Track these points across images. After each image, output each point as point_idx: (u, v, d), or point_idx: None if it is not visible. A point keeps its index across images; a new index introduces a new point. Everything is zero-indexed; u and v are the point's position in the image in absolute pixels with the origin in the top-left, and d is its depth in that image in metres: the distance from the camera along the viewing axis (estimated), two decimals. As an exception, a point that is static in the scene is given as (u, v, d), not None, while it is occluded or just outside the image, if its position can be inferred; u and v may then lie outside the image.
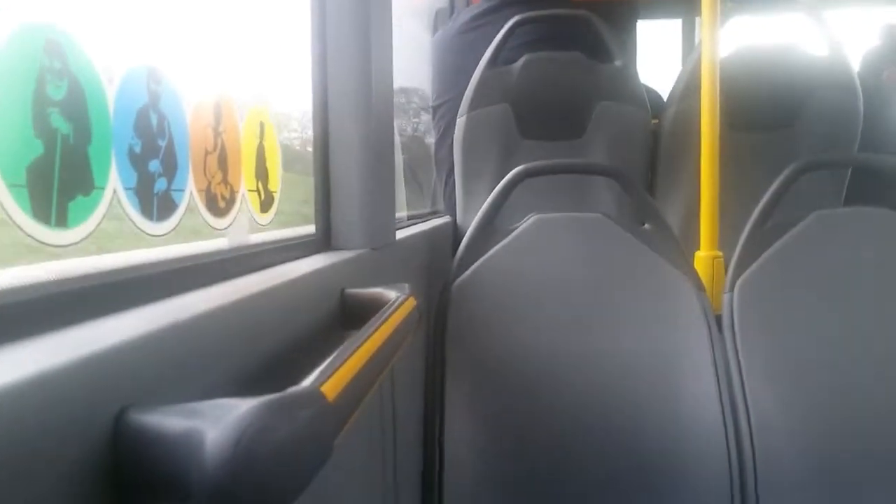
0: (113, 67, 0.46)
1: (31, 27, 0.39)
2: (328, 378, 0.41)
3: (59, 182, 0.41)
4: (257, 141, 0.70)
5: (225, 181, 0.63)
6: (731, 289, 1.27)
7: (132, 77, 0.48)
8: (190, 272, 0.54)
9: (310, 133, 0.90)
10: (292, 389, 0.37)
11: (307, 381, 0.39)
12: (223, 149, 0.63)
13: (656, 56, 2.48)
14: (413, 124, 2.07)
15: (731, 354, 1.23)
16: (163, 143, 0.52)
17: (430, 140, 1.91)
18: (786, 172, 1.29)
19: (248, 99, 0.72)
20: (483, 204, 1.32)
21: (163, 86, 0.52)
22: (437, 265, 1.36)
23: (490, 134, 1.62)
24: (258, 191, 0.70)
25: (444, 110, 1.75)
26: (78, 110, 0.42)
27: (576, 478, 1.18)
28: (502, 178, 1.34)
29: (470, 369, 1.24)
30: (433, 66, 1.83)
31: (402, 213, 1.68)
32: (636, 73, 1.72)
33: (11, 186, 0.37)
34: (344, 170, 0.91)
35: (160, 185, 0.52)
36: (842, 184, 1.64)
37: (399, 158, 1.75)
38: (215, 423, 0.32)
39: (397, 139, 1.79)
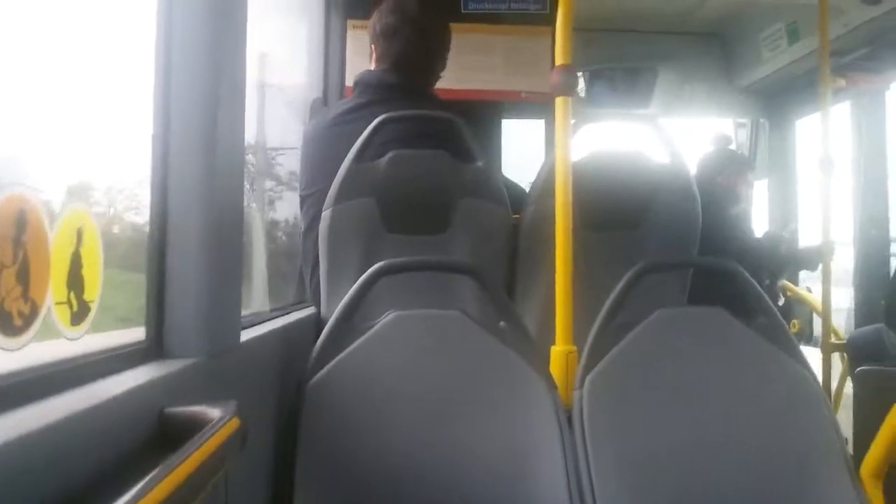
0: None
1: None
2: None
3: None
4: (72, 248, 0.66)
5: (24, 295, 0.58)
6: (581, 385, 1.31)
7: None
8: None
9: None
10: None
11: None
12: (25, 261, 0.58)
13: (522, 150, 2.61)
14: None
15: (580, 450, 1.25)
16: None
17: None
18: (629, 273, 1.37)
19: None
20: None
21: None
22: (295, 360, 1.32)
23: (355, 227, 1.62)
24: (69, 303, 0.66)
25: (311, 201, 1.74)
26: None
27: None
28: (366, 269, 1.34)
29: (322, 471, 1.19)
30: (303, 157, 1.83)
31: (265, 307, 1.63)
32: (497, 171, 1.79)
33: None
34: (183, 265, 0.85)
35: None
36: (685, 282, 1.75)
37: (262, 248, 1.72)
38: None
39: (261, 227, 1.76)
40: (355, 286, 1.30)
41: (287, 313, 1.53)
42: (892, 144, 2.72)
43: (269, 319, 1.35)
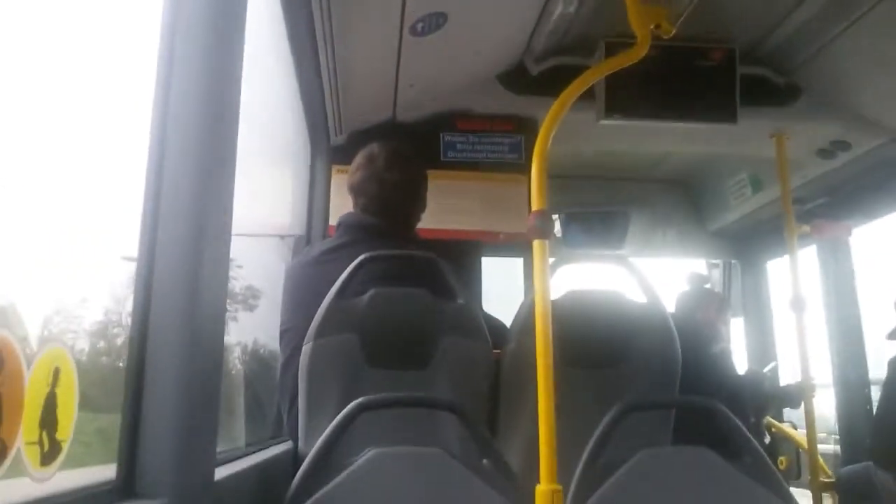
0: None
1: None
2: None
3: None
4: (48, 388, 0.65)
5: (-5, 436, 0.57)
6: None
7: None
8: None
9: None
10: None
11: None
12: (-1, 402, 0.58)
13: (502, 286, 2.66)
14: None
15: None
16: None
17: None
18: (611, 413, 1.36)
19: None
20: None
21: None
22: (271, 499, 1.26)
23: (336, 362, 1.62)
24: (40, 442, 0.64)
25: (290, 336, 1.75)
26: None
27: None
28: (346, 403, 1.32)
29: None
30: (285, 293, 1.85)
31: (239, 443, 1.59)
32: (478, 309, 1.82)
33: None
34: (159, 401, 0.83)
35: None
36: (669, 419, 1.74)
37: (241, 381, 1.70)
38: None
39: (237, 362, 1.74)
40: (335, 422, 1.28)
41: (264, 448, 1.49)
42: (863, 285, 2.80)
43: (244, 455, 1.31)
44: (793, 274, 2.28)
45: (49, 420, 0.65)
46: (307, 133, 2.43)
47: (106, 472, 0.79)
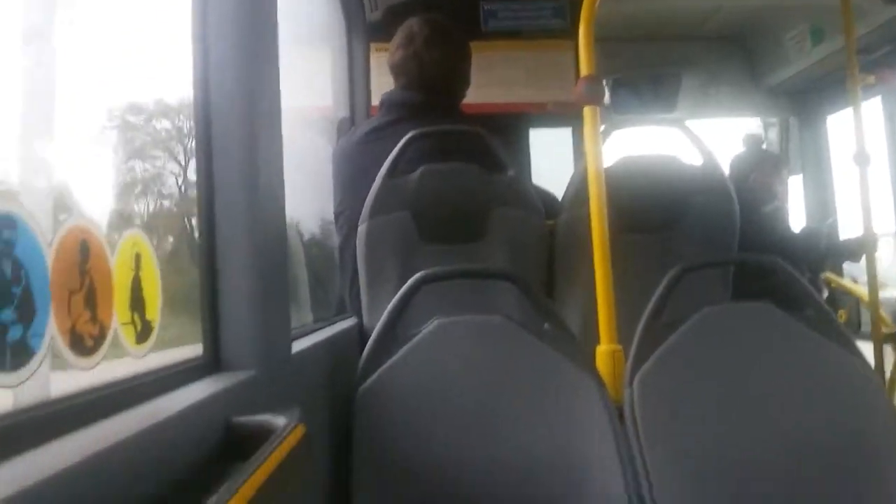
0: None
1: None
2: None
3: None
4: (132, 273, 0.69)
5: (93, 319, 0.61)
6: (631, 383, 1.31)
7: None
8: (55, 417, 0.51)
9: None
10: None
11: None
12: (91, 286, 0.61)
13: (551, 157, 2.62)
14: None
15: (634, 446, 1.25)
16: (17, 291, 0.50)
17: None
18: (671, 273, 1.37)
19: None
20: (387, 306, 1.34)
21: (18, 231, 0.50)
22: (342, 370, 1.34)
23: (391, 239, 1.65)
24: (133, 323, 0.68)
25: (345, 217, 1.78)
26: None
27: None
28: (405, 279, 1.36)
29: (376, 479, 1.21)
30: (334, 175, 1.87)
31: (307, 319, 1.66)
32: (528, 180, 1.81)
33: None
34: (233, 285, 0.87)
35: (14, 333, 0.49)
36: (727, 281, 1.74)
37: (302, 264, 1.75)
38: None
39: (299, 243, 1.79)
40: (398, 295, 1.32)
41: (331, 324, 1.56)
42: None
43: (314, 331, 1.38)
44: (856, 126, 2.17)
45: (137, 303, 0.69)
46: (341, 11, 2.35)
47: (186, 351, 0.85)
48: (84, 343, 0.59)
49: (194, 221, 0.91)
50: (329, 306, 1.90)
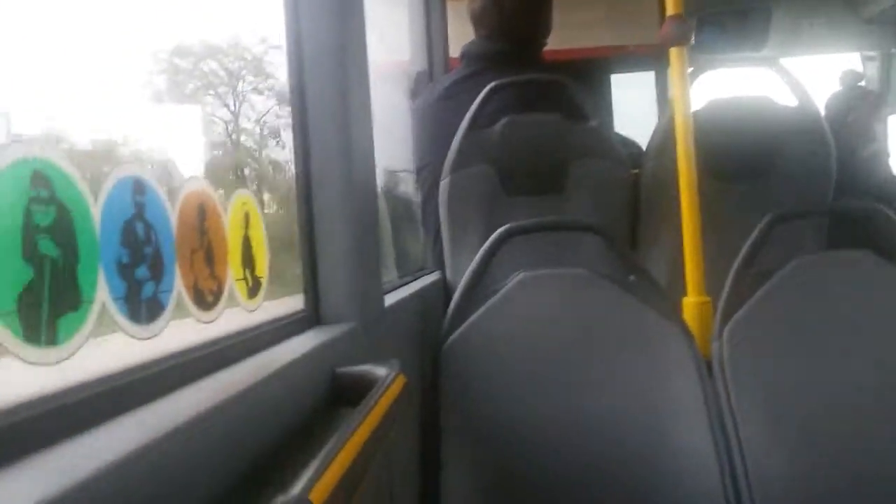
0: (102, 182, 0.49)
1: (18, 162, 0.41)
2: (316, 484, 0.42)
3: (49, 303, 0.42)
4: (243, 231, 0.72)
5: (212, 275, 0.65)
6: (720, 335, 1.29)
7: (118, 191, 0.51)
8: (182, 367, 0.56)
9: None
10: (282, 500, 0.38)
11: (296, 489, 0.40)
12: (209, 245, 0.65)
13: (633, 104, 2.55)
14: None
15: (723, 400, 1.24)
16: (149, 251, 0.54)
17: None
18: (764, 222, 1.33)
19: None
20: (471, 260, 1.35)
21: (147, 195, 0.54)
22: (428, 324, 1.37)
23: (474, 193, 1.66)
24: (245, 279, 0.72)
25: (427, 172, 1.79)
26: (65, 233, 0.44)
27: None
28: (488, 233, 1.37)
29: (464, 432, 1.24)
30: (415, 131, 1.88)
31: (392, 275, 1.70)
32: (611, 130, 1.77)
33: (3, 314, 0.39)
34: (329, 242, 0.92)
35: (147, 290, 0.53)
36: (822, 227, 1.67)
37: (386, 221, 1.78)
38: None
39: (382, 203, 1.82)
40: (483, 249, 1.34)
41: (415, 279, 1.59)
42: None
43: (400, 286, 1.41)
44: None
45: (248, 259, 0.73)
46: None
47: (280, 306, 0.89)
48: (205, 298, 0.63)
49: (247, 171, 0.94)
50: (409, 261, 1.94)
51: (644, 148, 1.82)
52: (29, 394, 0.40)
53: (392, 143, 1.91)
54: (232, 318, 0.71)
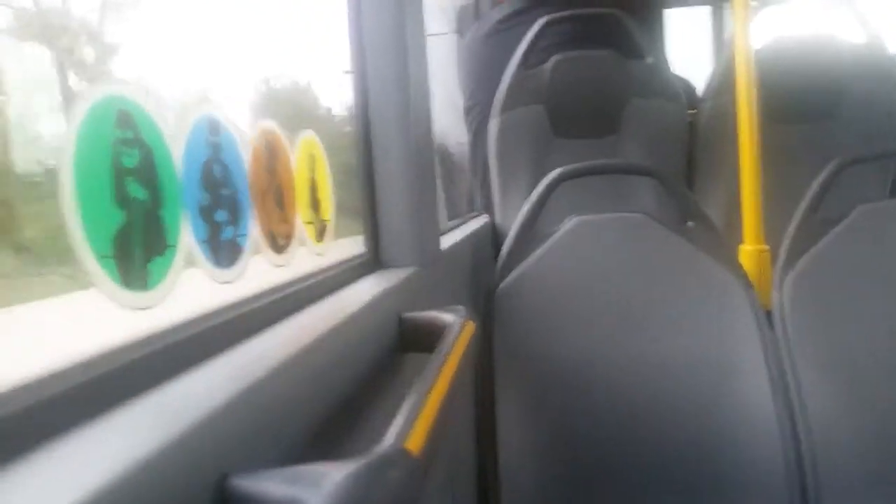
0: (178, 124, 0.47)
1: (105, 101, 0.40)
2: (409, 433, 0.41)
3: (141, 247, 0.41)
4: (309, 174, 0.71)
5: (283, 219, 0.64)
6: (781, 284, 1.26)
7: (195, 133, 0.49)
8: (260, 312, 0.55)
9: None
10: (380, 450, 0.37)
11: (391, 438, 0.40)
12: (279, 188, 0.63)
13: (686, 43, 2.44)
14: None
15: (783, 351, 1.22)
16: (226, 193, 0.52)
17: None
18: (830, 167, 1.27)
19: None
20: (520, 203, 1.33)
21: (221, 136, 0.52)
22: (479, 268, 1.36)
23: (524, 134, 1.62)
24: (313, 222, 0.71)
25: (475, 112, 1.75)
26: (150, 176, 0.43)
27: (630, 481, 1.18)
28: (538, 176, 1.34)
29: (519, 376, 1.24)
30: (463, 69, 1.83)
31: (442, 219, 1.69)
32: (668, 67, 1.70)
33: (101, 258, 0.38)
34: (389, 186, 0.91)
35: (227, 233, 0.52)
36: (887, 174, 1.61)
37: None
38: (316, 491, 0.33)
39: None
40: (536, 193, 1.31)
41: (464, 222, 1.57)
42: None
43: (450, 230, 1.40)
44: None
45: (315, 203, 0.72)
46: None
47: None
48: (278, 241, 0.62)
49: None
50: (460, 204, 1.92)
51: (696, 88, 1.76)
52: (125, 336, 0.40)
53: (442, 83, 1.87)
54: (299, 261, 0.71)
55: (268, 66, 0.88)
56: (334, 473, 0.34)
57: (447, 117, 1.90)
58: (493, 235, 1.64)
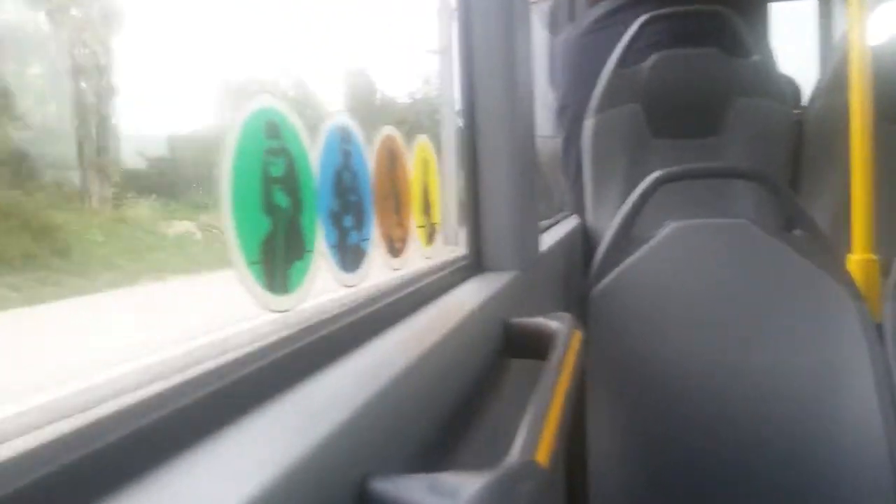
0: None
1: (257, 113, 0.42)
2: (537, 445, 0.41)
3: (284, 252, 0.43)
4: (423, 178, 0.72)
5: (400, 223, 0.65)
6: (893, 297, 1.19)
7: (330, 140, 0.51)
8: (375, 316, 0.57)
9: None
10: (512, 462, 0.38)
11: (517, 449, 0.40)
12: (398, 193, 0.65)
13: (789, 39, 2.34)
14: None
15: (894, 367, 1.15)
16: (353, 199, 0.54)
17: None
18: None
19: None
20: (614, 205, 1.31)
21: (352, 144, 0.54)
22: (572, 271, 1.35)
23: (620, 135, 1.59)
24: (424, 225, 0.72)
25: (569, 112, 1.73)
26: (293, 184, 0.45)
27: (725, 492, 1.15)
28: (634, 177, 1.31)
29: (611, 381, 1.22)
30: (558, 68, 1.81)
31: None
32: (776, 65, 1.63)
33: (250, 264, 0.40)
34: (492, 189, 0.91)
35: (352, 237, 0.54)
36: None
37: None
38: (453, 502, 0.34)
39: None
40: (634, 196, 1.28)
41: (556, 223, 1.56)
42: None
43: (544, 230, 1.39)
44: None
45: (426, 207, 0.73)
46: None
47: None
48: (395, 245, 0.63)
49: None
50: (551, 206, 1.90)
51: (799, 86, 1.68)
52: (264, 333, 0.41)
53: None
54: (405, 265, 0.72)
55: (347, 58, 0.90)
56: (471, 484, 0.34)
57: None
58: (583, 238, 1.62)
